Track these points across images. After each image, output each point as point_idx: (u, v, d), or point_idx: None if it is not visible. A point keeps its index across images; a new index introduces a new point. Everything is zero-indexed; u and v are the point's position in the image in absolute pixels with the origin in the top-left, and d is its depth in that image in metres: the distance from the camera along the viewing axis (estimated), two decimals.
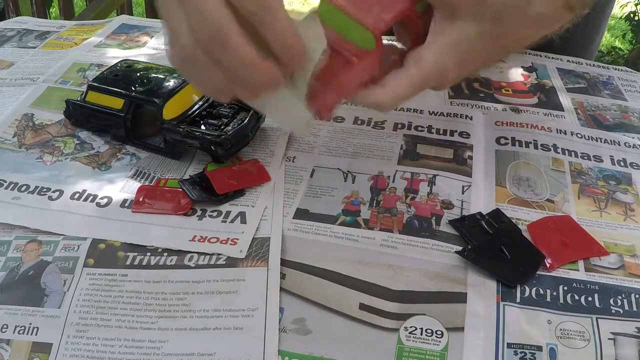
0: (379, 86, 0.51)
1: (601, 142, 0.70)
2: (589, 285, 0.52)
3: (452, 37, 0.48)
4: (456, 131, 0.70)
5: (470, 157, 0.66)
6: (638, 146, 0.70)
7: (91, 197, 0.59)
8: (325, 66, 0.49)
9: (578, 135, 0.71)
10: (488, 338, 0.47)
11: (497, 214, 0.58)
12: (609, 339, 0.47)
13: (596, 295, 0.51)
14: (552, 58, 0.90)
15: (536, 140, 0.69)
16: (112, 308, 0.49)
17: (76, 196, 0.59)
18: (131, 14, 2.39)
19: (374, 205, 0.59)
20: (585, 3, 0.50)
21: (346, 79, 0.49)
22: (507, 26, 0.48)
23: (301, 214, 0.58)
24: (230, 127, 0.63)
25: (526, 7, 0.47)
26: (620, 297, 0.51)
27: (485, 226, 0.56)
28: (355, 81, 0.50)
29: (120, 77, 0.67)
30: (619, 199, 0.62)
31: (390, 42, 0.53)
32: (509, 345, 0.47)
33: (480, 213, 0.58)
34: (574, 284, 0.52)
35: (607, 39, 3.10)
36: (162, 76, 0.66)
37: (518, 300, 0.50)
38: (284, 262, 0.52)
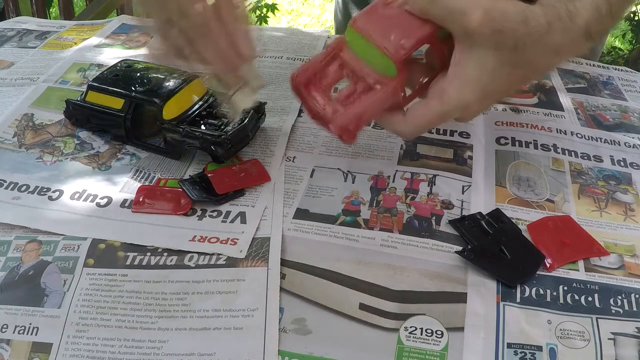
0: (402, 115, 0.52)
1: (601, 142, 0.70)
2: (589, 285, 0.52)
3: (473, 69, 0.48)
4: (456, 131, 0.70)
5: (470, 157, 0.66)
6: (638, 146, 0.70)
7: (91, 197, 0.59)
8: (349, 91, 0.50)
9: (578, 135, 0.71)
10: (488, 338, 0.47)
11: (497, 214, 0.58)
12: (609, 339, 0.47)
13: (596, 295, 0.51)
14: None
15: (536, 140, 0.69)
16: (112, 308, 0.49)
17: (76, 196, 0.59)
18: (131, 14, 2.39)
19: (374, 205, 0.59)
20: (605, 30, 0.50)
21: (369, 105, 0.50)
22: (526, 55, 0.48)
23: (301, 214, 0.58)
24: (230, 127, 0.63)
25: (546, 37, 0.47)
26: (620, 297, 0.51)
27: (485, 226, 0.56)
28: (377, 106, 0.51)
29: (120, 77, 0.67)
30: (619, 199, 0.62)
31: (418, 59, 0.54)
32: (509, 345, 0.47)
33: (480, 213, 0.58)
34: (574, 284, 0.52)
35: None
36: (162, 76, 0.66)
37: (518, 300, 0.50)
38: (284, 262, 0.52)
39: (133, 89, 0.65)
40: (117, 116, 0.65)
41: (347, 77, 0.52)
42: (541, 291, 0.51)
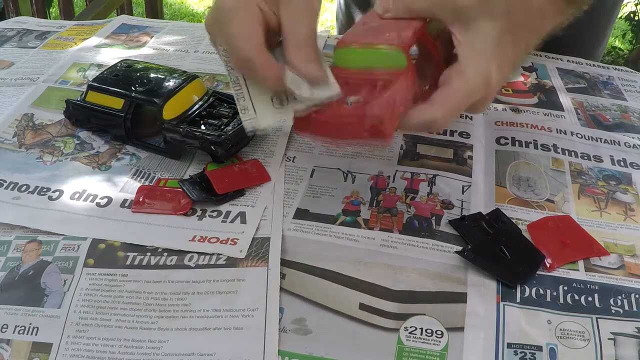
0: (428, 104, 0.50)
1: (601, 142, 0.70)
2: (589, 285, 0.52)
3: (478, 42, 0.49)
4: (456, 131, 0.70)
5: (470, 157, 0.66)
6: (638, 146, 0.70)
7: (91, 197, 0.59)
8: (368, 95, 0.49)
9: (578, 135, 0.71)
10: (488, 338, 0.47)
11: (497, 214, 0.58)
12: (609, 339, 0.47)
13: (596, 295, 0.51)
14: (552, 58, 0.90)
15: (536, 140, 0.69)
16: (112, 308, 0.49)
17: (76, 196, 0.59)
18: (131, 14, 2.39)
19: (374, 205, 0.59)
20: None
21: (396, 91, 0.49)
22: (517, 18, 0.50)
23: (301, 214, 0.58)
24: (230, 127, 0.63)
25: (530, 1, 0.50)
26: (620, 297, 0.51)
27: (485, 226, 0.56)
28: (404, 93, 0.50)
29: (120, 77, 0.67)
30: (619, 199, 0.62)
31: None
32: (509, 345, 0.47)
33: (480, 213, 0.58)
34: (574, 284, 0.52)
35: None
36: (162, 76, 0.66)
37: (518, 300, 0.50)
38: (284, 262, 0.52)
39: (133, 89, 0.65)
40: (117, 116, 0.65)
41: (355, 94, 0.50)
42: (541, 291, 0.51)
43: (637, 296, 0.51)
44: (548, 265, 0.53)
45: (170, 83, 0.65)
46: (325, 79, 0.50)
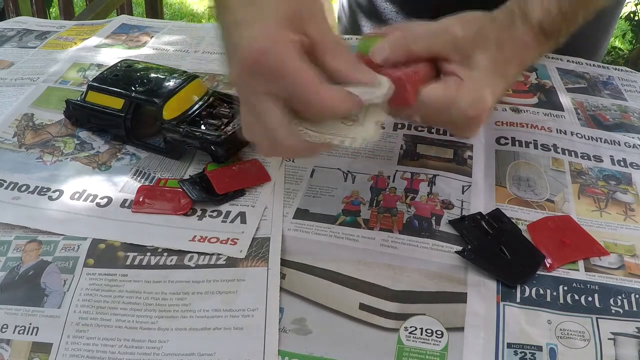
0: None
1: (601, 142, 0.70)
2: (589, 285, 0.52)
3: (475, 72, 0.51)
4: None
5: (470, 157, 0.66)
6: (638, 146, 0.70)
7: (91, 197, 0.59)
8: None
9: (578, 135, 0.71)
10: (488, 338, 0.47)
11: (497, 214, 0.58)
12: (609, 339, 0.47)
13: (596, 295, 0.51)
14: (552, 58, 0.90)
15: (536, 140, 0.69)
16: (112, 308, 0.49)
17: (76, 196, 0.59)
18: (131, 14, 2.39)
19: (374, 205, 0.59)
20: (559, 30, 0.55)
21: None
22: (507, 52, 0.53)
23: (301, 214, 0.58)
24: (230, 127, 0.63)
25: (513, 30, 0.53)
26: (620, 297, 0.51)
27: (485, 226, 0.56)
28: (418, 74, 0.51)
29: (120, 77, 0.67)
30: (619, 199, 0.62)
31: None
32: (509, 345, 0.47)
33: (480, 213, 0.58)
34: (574, 284, 0.52)
35: None
36: (162, 76, 0.66)
37: (518, 300, 0.50)
38: (284, 262, 0.52)
39: (133, 89, 0.65)
40: (117, 116, 0.65)
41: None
42: (541, 291, 0.51)
43: (637, 296, 0.51)
44: (548, 265, 0.53)
45: (170, 83, 0.65)
46: (375, 77, 0.47)
